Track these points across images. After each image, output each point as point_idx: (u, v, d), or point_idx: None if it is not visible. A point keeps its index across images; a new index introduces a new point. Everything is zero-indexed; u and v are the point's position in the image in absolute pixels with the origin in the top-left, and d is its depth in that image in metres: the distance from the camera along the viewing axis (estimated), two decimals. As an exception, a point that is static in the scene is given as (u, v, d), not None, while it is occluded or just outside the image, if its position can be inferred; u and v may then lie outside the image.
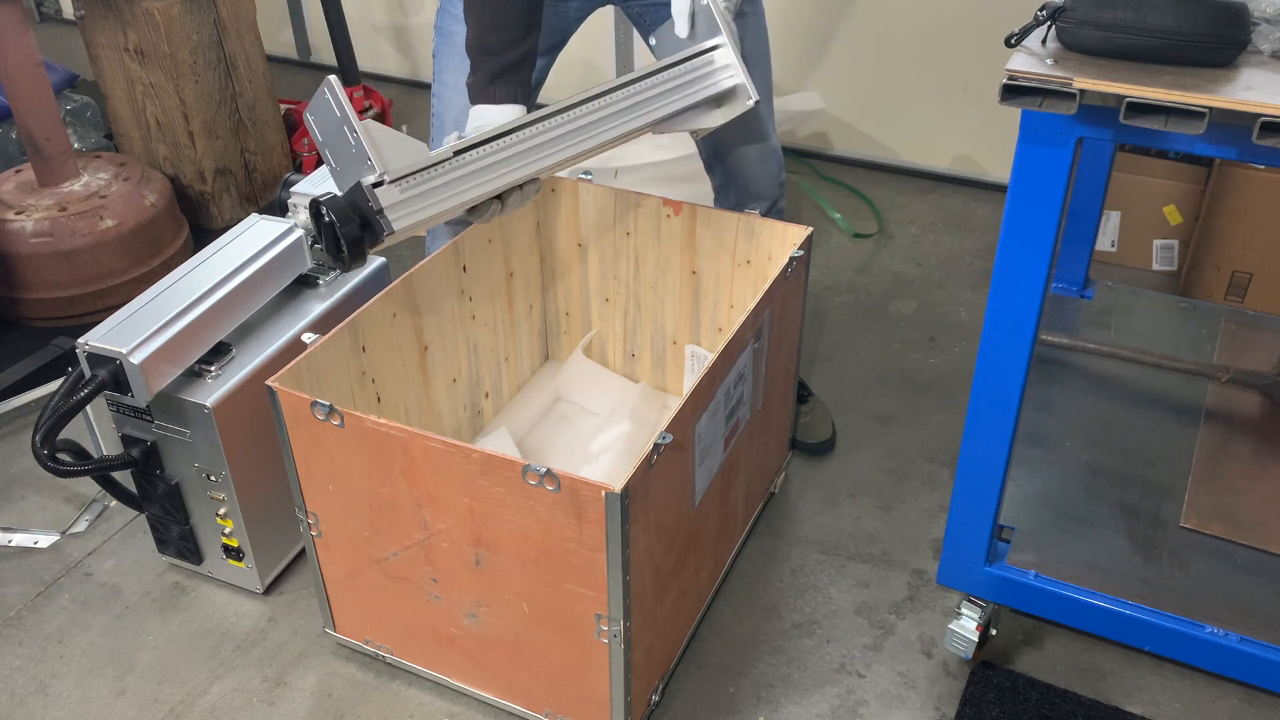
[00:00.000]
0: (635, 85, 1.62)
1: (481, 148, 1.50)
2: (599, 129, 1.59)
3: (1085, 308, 2.31)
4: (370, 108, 3.44)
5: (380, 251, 1.56)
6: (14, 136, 3.02)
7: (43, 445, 1.72)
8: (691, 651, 1.84)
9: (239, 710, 1.76)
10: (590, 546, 1.43)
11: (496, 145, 1.52)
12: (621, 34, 3.47)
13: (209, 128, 2.93)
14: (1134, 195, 2.72)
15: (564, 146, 1.57)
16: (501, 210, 1.57)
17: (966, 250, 2.93)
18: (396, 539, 1.61)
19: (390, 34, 3.94)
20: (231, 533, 1.88)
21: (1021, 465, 1.90)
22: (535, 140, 1.54)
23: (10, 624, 1.92)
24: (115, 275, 2.62)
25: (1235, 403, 2.05)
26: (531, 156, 1.54)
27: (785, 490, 2.16)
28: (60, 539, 2.08)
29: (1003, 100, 1.28)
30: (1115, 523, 1.81)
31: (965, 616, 1.73)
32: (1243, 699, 1.74)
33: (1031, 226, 1.38)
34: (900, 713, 1.74)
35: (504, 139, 1.52)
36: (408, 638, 1.75)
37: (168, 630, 1.90)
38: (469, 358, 2.07)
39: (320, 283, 2.01)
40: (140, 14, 2.75)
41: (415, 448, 1.48)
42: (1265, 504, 1.83)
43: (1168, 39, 1.24)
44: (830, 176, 3.26)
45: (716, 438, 1.68)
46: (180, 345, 1.75)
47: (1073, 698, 1.74)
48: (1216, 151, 1.27)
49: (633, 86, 1.62)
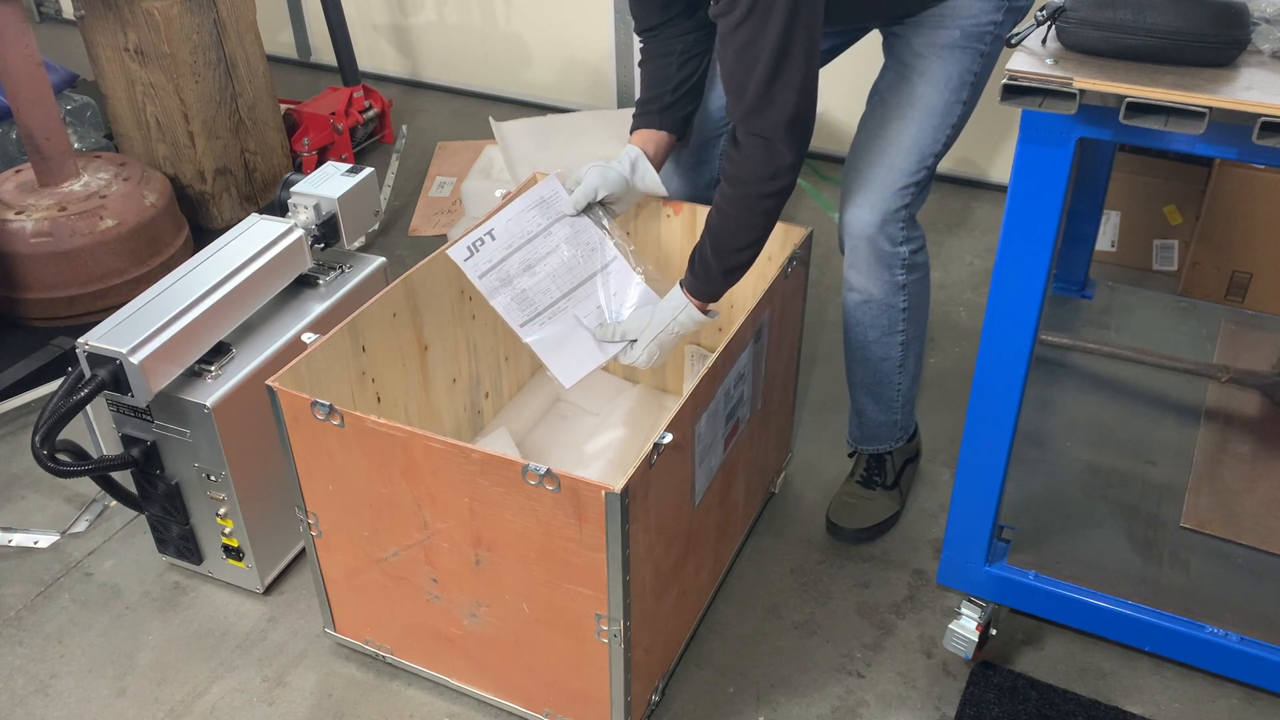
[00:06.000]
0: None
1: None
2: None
3: (1085, 308, 2.31)
4: (370, 108, 3.44)
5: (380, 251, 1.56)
6: (14, 136, 3.02)
7: (42, 445, 1.72)
8: (691, 651, 1.84)
9: (239, 710, 1.76)
10: (590, 546, 1.43)
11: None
12: (621, 35, 3.47)
13: (209, 128, 2.93)
14: (1134, 195, 2.72)
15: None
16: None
17: (966, 250, 2.93)
18: (396, 539, 1.61)
19: (390, 34, 3.94)
20: (231, 533, 1.88)
21: (1021, 465, 1.90)
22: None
23: (10, 624, 1.92)
24: (115, 275, 2.62)
25: (1235, 403, 2.05)
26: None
27: (785, 490, 2.16)
28: (60, 539, 2.08)
29: (1003, 100, 1.28)
30: (1115, 523, 1.81)
31: (965, 616, 1.73)
32: (1243, 699, 1.74)
33: (1031, 226, 1.38)
34: (900, 713, 1.74)
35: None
36: (408, 638, 1.75)
37: (168, 630, 1.90)
38: (469, 358, 2.07)
39: (320, 283, 2.01)
40: (140, 14, 2.75)
41: (415, 448, 1.48)
42: (1265, 504, 1.83)
43: (1168, 39, 1.24)
44: (830, 176, 3.26)
45: (716, 438, 1.68)
46: (180, 345, 1.75)
47: (1073, 698, 1.74)
48: (1216, 151, 1.27)
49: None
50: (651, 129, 1.86)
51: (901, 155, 1.74)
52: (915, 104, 1.74)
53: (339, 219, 2.03)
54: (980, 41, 1.72)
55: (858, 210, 1.76)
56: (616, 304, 1.80)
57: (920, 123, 1.74)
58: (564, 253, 1.80)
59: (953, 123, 1.75)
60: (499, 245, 1.79)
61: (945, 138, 1.76)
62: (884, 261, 1.78)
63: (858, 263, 1.80)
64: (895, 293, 1.81)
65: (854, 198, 1.77)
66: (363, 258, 2.09)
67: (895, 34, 1.79)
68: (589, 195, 1.80)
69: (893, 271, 1.79)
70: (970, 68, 1.73)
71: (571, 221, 1.82)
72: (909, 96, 1.75)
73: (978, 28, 1.71)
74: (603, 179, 1.81)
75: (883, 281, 1.80)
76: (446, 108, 3.81)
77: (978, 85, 1.76)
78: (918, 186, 1.76)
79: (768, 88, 1.54)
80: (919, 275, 1.83)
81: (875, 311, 1.84)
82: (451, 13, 3.77)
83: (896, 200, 1.74)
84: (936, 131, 1.75)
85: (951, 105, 1.74)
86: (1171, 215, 2.72)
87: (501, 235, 1.79)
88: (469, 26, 3.75)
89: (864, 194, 1.76)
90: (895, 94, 1.77)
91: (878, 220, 1.75)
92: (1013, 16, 1.73)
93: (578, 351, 1.76)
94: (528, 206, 1.82)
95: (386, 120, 3.54)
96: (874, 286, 1.81)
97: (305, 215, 2.01)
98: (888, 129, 1.76)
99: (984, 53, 1.73)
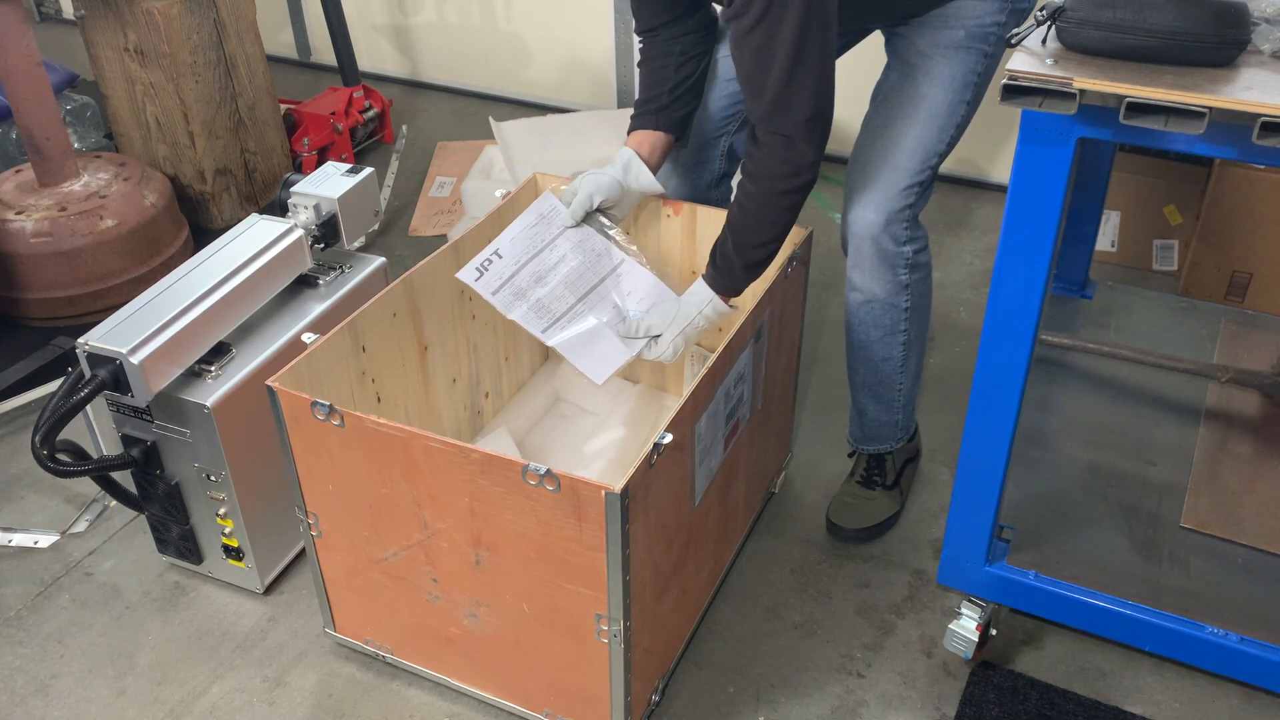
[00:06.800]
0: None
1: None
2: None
3: (1085, 308, 2.31)
4: (370, 108, 3.44)
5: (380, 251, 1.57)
6: (14, 136, 3.02)
7: (42, 445, 1.72)
8: (691, 651, 1.84)
9: (239, 710, 1.76)
10: (590, 546, 1.43)
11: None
12: (622, 35, 3.47)
13: (209, 128, 2.93)
14: (1134, 195, 2.72)
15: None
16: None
17: (967, 250, 2.93)
18: (396, 539, 1.61)
19: (390, 34, 3.94)
20: (231, 533, 1.88)
21: (1021, 465, 1.90)
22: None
23: (10, 624, 1.92)
24: (115, 275, 2.62)
25: (1235, 403, 2.05)
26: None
27: (785, 490, 2.16)
28: (60, 539, 2.08)
29: (1003, 100, 1.28)
30: (1115, 523, 1.81)
31: (965, 616, 1.73)
32: (1243, 699, 1.74)
33: (1031, 226, 1.38)
34: (900, 713, 1.74)
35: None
36: (408, 638, 1.75)
37: (168, 630, 1.90)
38: (469, 358, 2.07)
39: (320, 283, 2.01)
40: (140, 14, 2.75)
41: (415, 448, 1.48)
42: (1265, 504, 1.83)
43: (1168, 39, 1.24)
44: (830, 177, 3.26)
45: (716, 438, 1.68)
46: (180, 345, 1.75)
47: (1073, 698, 1.74)
48: (1216, 151, 1.27)
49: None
50: (649, 129, 1.86)
51: (906, 155, 1.74)
52: (920, 104, 1.74)
53: (339, 219, 2.03)
54: (984, 42, 1.72)
55: (862, 210, 1.76)
56: (632, 302, 1.80)
57: (925, 123, 1.74)
58: (572, 261, 1.80)
59: (957, 123, 1.75)
60: (507, 262, 1.79)
61: (949, 138, 1.76)
62: (887, 261, 1.78)
63: (861, 263, 1.80)
64: (898, 293, 1.81)
65: (858, 197, 1.77)
66: (363, 258, 2.09)
67: (899, 34, 1.79)
68: (586, 205, 1.81)
69: (896, 271, 1.79)
70: (974, 68, 1.73)
71: (573, 232, 1.82)
72: (913, 96, 1.75)
73: (982, 28, 1.71)
74: (596, 186, 1.82)
75: (886, 281, 1.80)
76: (446, 108, 3.81)
77: (981, 85, 1.76)
78: (921, 186, 1.76)
79: (785, 88, 1.55)
80: (922, 275, 1.83)
81: (878, 311, 1.84)
82: (451, 13, 3.77)
83: (900, 200, 1.74)
84: (941, 132, 1.75)
85: (956, 105, 1.74)
86: (1171, 215, 2.72)
87: (508, 253, 1.80)
88: (469, 26, 3.75)
89: (868, 194, 1.76)
90: (900, 94, 1.77)
91: (882, 220, 1.74)
92: (1016, 18, 1.73)
93: (604, 349, 1.77)
94: (529, 225, 1.82)
95: (386, 120, 3.54)
96: (877, 286, 1.81)
97: (305, 215, 2.01)
98: (892, 129, 1.76)
99: (988, 53, 1.73)
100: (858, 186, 1.78)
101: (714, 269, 1.73)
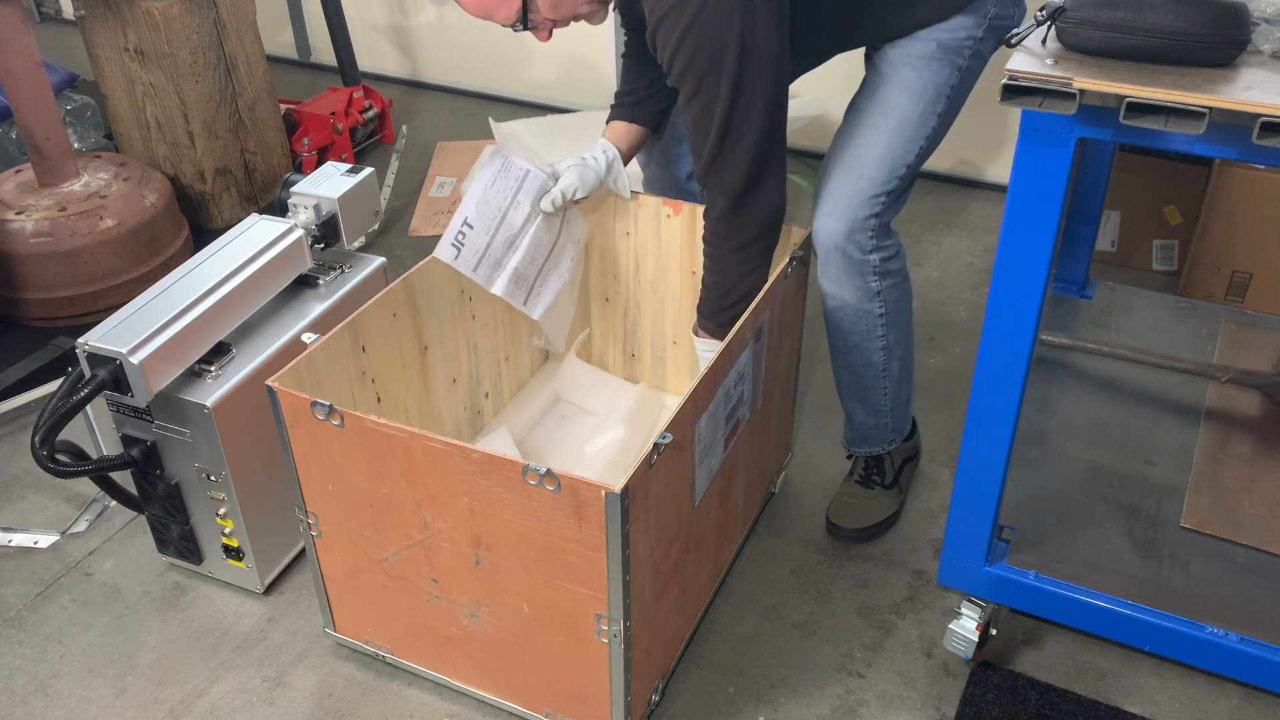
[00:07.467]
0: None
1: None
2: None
3: (1085, 308, 2.31)
4: (370, 108, 3.44)
5: (380, 251, 1.57)
6: (14, 136, 3.02)
7: (42, 446, 1.72)
8: (691, 651, 1.84)
9: (239, 710, 1.76)
10: (590, 546, 1.43)
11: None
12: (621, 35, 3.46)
13: (209, 128, 2.93)
14: (1134, 195, 2.72)
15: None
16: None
17: (966, 250, 2.93)
18: (396, 539, 1.61)
19: (390, 34, 3.94)
20: (231, 533, 1.88)
21: (1021, 465, 1.90)
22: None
23: (10, 624, 1.92)
24: (115, 275, 2.62)
25: (1235, 403, 2.05)
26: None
27: (785, 490, 2.16)
28: (60, 539, 2.08)
29: (1003, 100, 1.28)
30: (1115, 523, 1.81)
31: (965, 616, 1.73)
32: (1243, 699, 1.74)
33: (1031, 226, 1.38)
34: (900, 713, 1.74)
35: None
36: (408, 638, 1.75)
37: (168, 630, 1.90)
38: (469, 358, 2.07)
39: (320, 283, 2.01)
40: (140, 14, 2.75)
41: (415, 448, 1.48)
42: (1265, 504, 1.83)
43: (1168, 39, 1.24)
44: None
45: (716, 438, 1.68)
46: (180, 345, 1.75)
47: (1073, 698, 1.74)
48: (1216, 151, 1.27)
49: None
50: (625, 121, 1.94)
51: (872, 165, 1.74)
52: (889, 114, 1.74)
53: (339, 219, 2.03)
54: (958, 55, 1.71)
55: (825, 219, 1.77)
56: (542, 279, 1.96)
57: (893, 133, 1.74)
58: (535, 219, 1.89)
59: (926, 134, 1.75)
60: (479, 231, 1.83)
61: (919, 149, 1.75)
62: (854, 269, 1.78)
63: (829, 269, 1.81)
64: (869, 299, 1.82)
65: (822, 205, 1.78)
66: (363, 258, 2.09)
67: (873, 47, 1.81)
68: (567, 195, 1.88)
69: (865, 278, 1.79)
70: (947, 80, 1.73)
71: (529, 182, 1.87)
72: (882, 106, 1.75)
73: (955, 41, 1.70)
74: (580, 180, 1.88)
75: (855, 288, 1.80)
76: (446, 108, 3.81)
77: (955, 99, 1.75)
78: (889, 196, 1.75)
79: (719, 154, 1.63)
80: (894, 282, 1.83)
81: (852, 317, 1.85)
82: (451, 13, 3.77)
83: (866, 209, 1.74)
84: (910, 142, 1.74)
85: (925, 117, 1.73)
86: (1171, 215, 2.72)
87: (478, 220, 1.83)
88: (469, 26, 3.75)
89: (832, 202, 1.76)
90: (869, 103, 1.78)
91: (844, 229, 1.75)
92: (994, 33, 1.72)
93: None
94: (488, 183, 1.85)
95: (386, 120, 3.54)
96: (846, 293, 1.82)
97: (305, 215, 2.01)
98: (860, 138, 1.76)
99: (962, 67, 1.73)
100: (823, 194, 1.78)
101: (701, 321, 1.83)
